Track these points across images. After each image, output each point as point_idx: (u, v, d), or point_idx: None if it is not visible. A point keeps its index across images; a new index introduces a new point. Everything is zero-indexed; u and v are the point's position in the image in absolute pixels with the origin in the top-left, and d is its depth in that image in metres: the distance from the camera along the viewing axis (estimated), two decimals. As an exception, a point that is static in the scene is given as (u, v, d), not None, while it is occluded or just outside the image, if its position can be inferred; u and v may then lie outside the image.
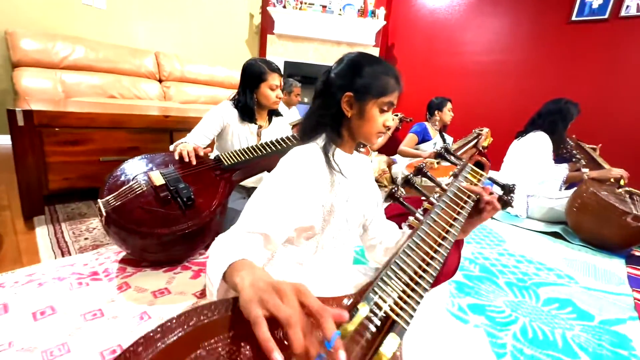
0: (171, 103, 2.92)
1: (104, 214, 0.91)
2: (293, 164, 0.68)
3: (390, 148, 3.08)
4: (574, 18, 2.86)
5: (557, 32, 2.97)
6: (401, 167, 2.59)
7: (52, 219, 1.36)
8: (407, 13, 3.99)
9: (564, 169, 2.09)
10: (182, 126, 1.72)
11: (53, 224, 1.32)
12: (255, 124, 1.46)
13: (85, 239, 1.22)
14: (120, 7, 2.93)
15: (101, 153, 1.48)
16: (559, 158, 2.14)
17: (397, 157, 2.74)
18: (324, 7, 3.85)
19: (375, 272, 0.59)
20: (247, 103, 1.40)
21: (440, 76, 3.83)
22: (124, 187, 0.97)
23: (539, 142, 2.02)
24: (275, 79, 1.38)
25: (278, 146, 1.22)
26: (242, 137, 1.44)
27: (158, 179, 0.99)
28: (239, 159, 1.17)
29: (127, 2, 2.97)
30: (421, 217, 0.67)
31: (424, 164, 0.86)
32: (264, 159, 1.20)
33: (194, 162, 1.11)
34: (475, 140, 2.48)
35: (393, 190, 0.79)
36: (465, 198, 0.72)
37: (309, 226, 0.71)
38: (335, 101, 0.71)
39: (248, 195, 1.59)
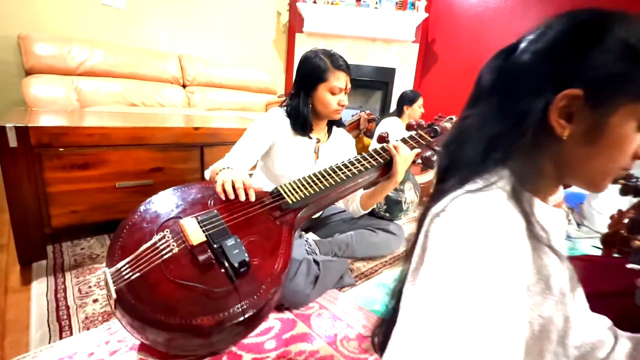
0: (196, 110, 2.62)
1: (114, 294, 0.57)
2: (487, 252, 0.31)
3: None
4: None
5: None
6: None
7: (55, 265, 1.05)
8: (452, 3, 3.56)
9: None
10: (214, 140, 1.39)
11: (55, 274, 1.00)
12: (311, 137, 1.11)
13: (95, 300, 0.89)
14: (141, 8, 2.68)
15: (118, 177, 1.17)
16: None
17: None
18: (358, 0, 3.48)
19: None
20: (300, 110, 1.05)
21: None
22: (145, 247, 0.63)
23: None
24: (339, 79, 1.02)
25: (359, 168, 0.86)
26: (296, 155, 1.09)
27: (195, 234, 0.64)
28: (308, 192, 0.81)
29: (148, 2, 2.71)
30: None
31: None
32: (338, 188, 0.84)
33: (252, 198, 0.76)
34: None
35: None
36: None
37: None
38: (531, 107, 0.34)
39: (301, 230, 1.23)
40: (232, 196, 0.74)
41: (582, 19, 0.34)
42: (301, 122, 1.06)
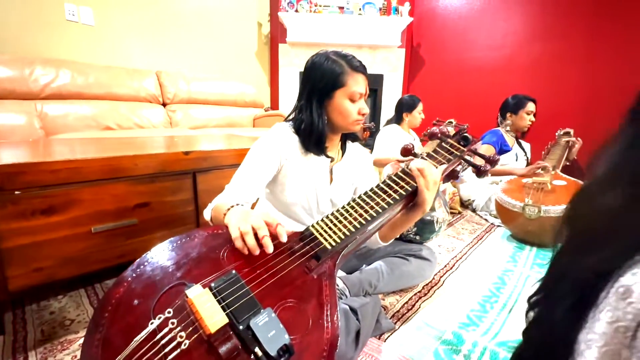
0: (179, 130, 2.41)
1: None
2: None
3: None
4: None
5: (625, 9, 2.48)
6: (473, 187, 2.06)
7: (14, 344, 0.82)
8: (435, 7, 3.53)
9: None
10: (208, 164, 1.19)
11: (14, 357, 0.77)
12: (327, 155, 0.93)
13: (69, 393, 0.67)
14: (112, 23, 2.46)
15: (93, 220, 0.95)
16: None
17: (464, 174, 2.21)
18: (342, 8, 3.40)
19: None
20: (315, 124, 0.87)
21: (478, 75, 3.34)
22: (136, 342, 0.43)
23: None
24: (358, 83, 0.86)
25: (394, 196, 0.68)
26: (308, 178, 0.91)
27: (212, 315, 0.44)
28: (347, 231, 0.62)
29: (120, 17, 2.49)
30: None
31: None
32: (374, 221, 0.66)
33: (284, 239, 0.57)
34: (566, 148, 1.95)
35: None
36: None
37: None
38: None
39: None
40: (257, 252, 0.54)
41: None
42: (315, 139, 0.88)
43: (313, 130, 0.87)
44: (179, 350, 0.42)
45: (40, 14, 2.14)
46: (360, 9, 3.39)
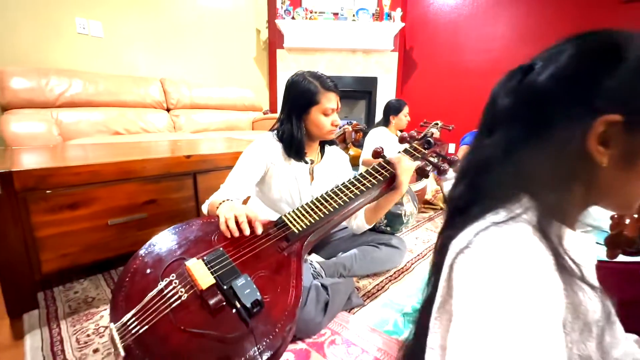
0: (182, 134, 2.58)
1: (122, 352, 0.53)
2: (522, 295, 0.30)
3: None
4: (632, -4, 2.51)
5: (610, 14, 2.61)
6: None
7: (48, 314, 0.99)
8: (426, 12, 3.68)
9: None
10: (207, 166, 1.36)
11: (49, 324, 0.95)
12: (306, 161, 1.10)
13: (95, 350, 0.84)
14: (119, 35, 2.64)
15: (109, 214, 1.12)
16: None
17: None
18: (336, 14, 3.55)
19: None
20: (294, 134, 1.04)
21: (468, 77, 3.48)
22: (151, 296, 0.60)
23: None
24: (331, 101, 1.02)
25: (361, 188, 0.85)
26: (291, 179, 1.08)
27: (204, 277, 0.62)
28: (312, 219, 0.79)
29: (126, 28, 2.67)
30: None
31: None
32: (342, 210, 0.83)
33: (259, 231, 0.75)
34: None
35: None
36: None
37: None
38: (569, 135, 0.34)
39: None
40: (236, 234, 0.71)
41: (606, 39, 0.34)
42: (295, 148, 1.05)
43: (293, 141, 1.04)
44: (179, 301, 0.59)
45: (53, 28, 2.33)
46: (354, 15, 3.55)
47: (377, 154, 1.07)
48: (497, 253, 0.33)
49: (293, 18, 3.46)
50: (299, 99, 1.01)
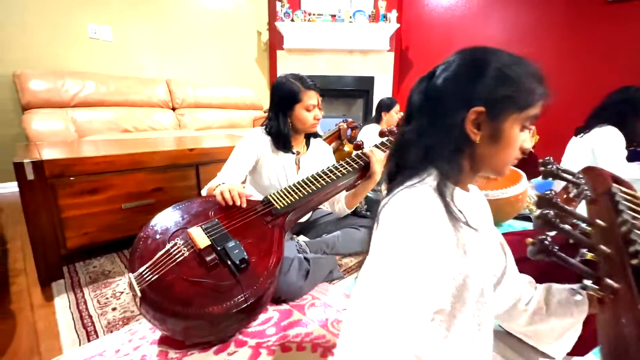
0: (186, 131, 2.76)
1: (139, 293, 0.70)
2: (414, 229, 0.45)
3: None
4: (614, -3, 2.62)
5: (595, 15, 2.72)
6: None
7: (72, 283, 1.17)
8: (421, 13, 3.80)
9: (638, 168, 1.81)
10: (208, 159, 1.53)
11: (74, 290, 1.12)
12: (293, 152, 1.25)
13: (113, 309, 1.01)
14: (128, 39, 2.82)
15: (123, 199, 1.29)
16: (632, 155, 1.86)
17: None
18: (333, 16, 3.70)
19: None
20: (281, 129, 1.19)
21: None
22: (160, 254, 0.76)
23: (609, 138, 1.75)
24: (312, 98, 1.18)
25: (338, 174, 1.00)
26: (279, 168, 1.24)
27: (202, 240, 0.78)
28: (293, 198, 0.95)
29: (133, 33, 2.86)
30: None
31: (553, 193, 0.60)
32: (321, 192, 0.99)
33: (245, 205, 0.91)
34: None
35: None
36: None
37: (438, 310, 0.48)
38: (454, 121, 0.49)
39: (292, 233, 1.37)
40: (230, 202, 0.88)
41: (479, 56, 0.49)
42: (282, 141, 1.21)
43: (280, 135, 1.20)
44: (182, 257, 0.76)
45: (67, 33, 2.51)
46: (350, 17, 3.69)
47: (358, 146, 1.23)
48: (405, 205, 0.48)
49: (292, 20, 3.61)
50: (284, 98, 1.17)
